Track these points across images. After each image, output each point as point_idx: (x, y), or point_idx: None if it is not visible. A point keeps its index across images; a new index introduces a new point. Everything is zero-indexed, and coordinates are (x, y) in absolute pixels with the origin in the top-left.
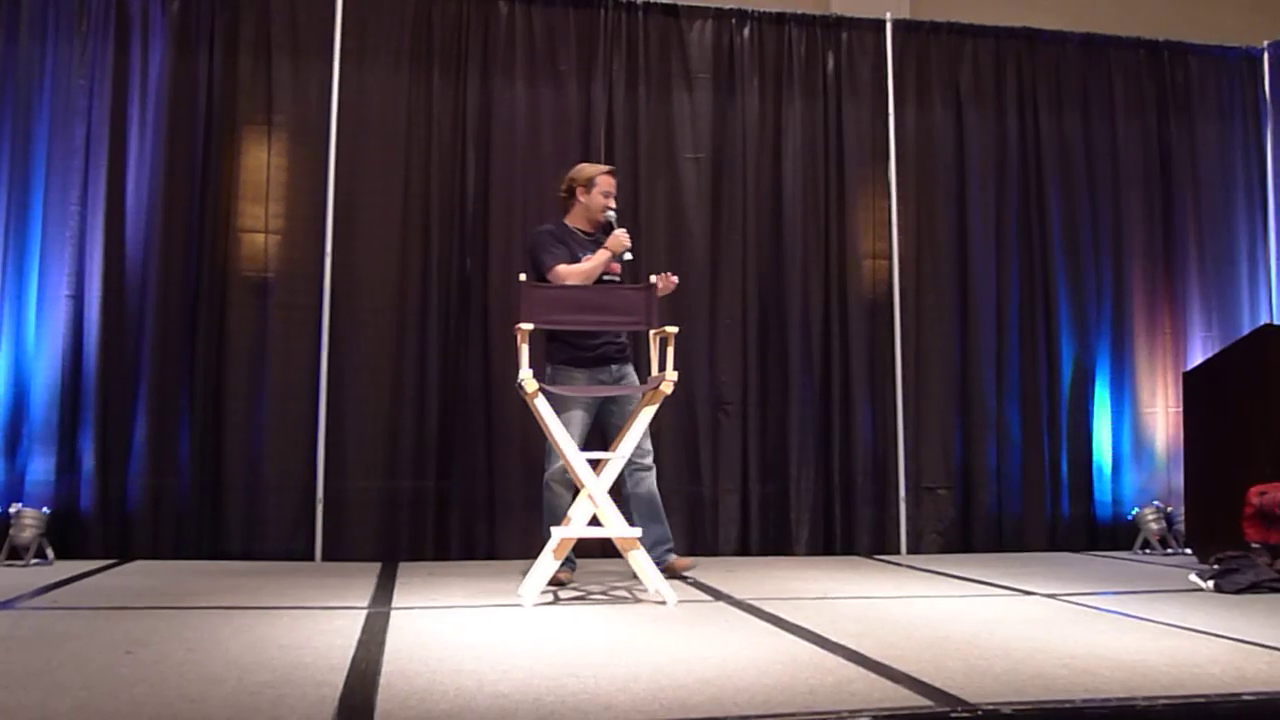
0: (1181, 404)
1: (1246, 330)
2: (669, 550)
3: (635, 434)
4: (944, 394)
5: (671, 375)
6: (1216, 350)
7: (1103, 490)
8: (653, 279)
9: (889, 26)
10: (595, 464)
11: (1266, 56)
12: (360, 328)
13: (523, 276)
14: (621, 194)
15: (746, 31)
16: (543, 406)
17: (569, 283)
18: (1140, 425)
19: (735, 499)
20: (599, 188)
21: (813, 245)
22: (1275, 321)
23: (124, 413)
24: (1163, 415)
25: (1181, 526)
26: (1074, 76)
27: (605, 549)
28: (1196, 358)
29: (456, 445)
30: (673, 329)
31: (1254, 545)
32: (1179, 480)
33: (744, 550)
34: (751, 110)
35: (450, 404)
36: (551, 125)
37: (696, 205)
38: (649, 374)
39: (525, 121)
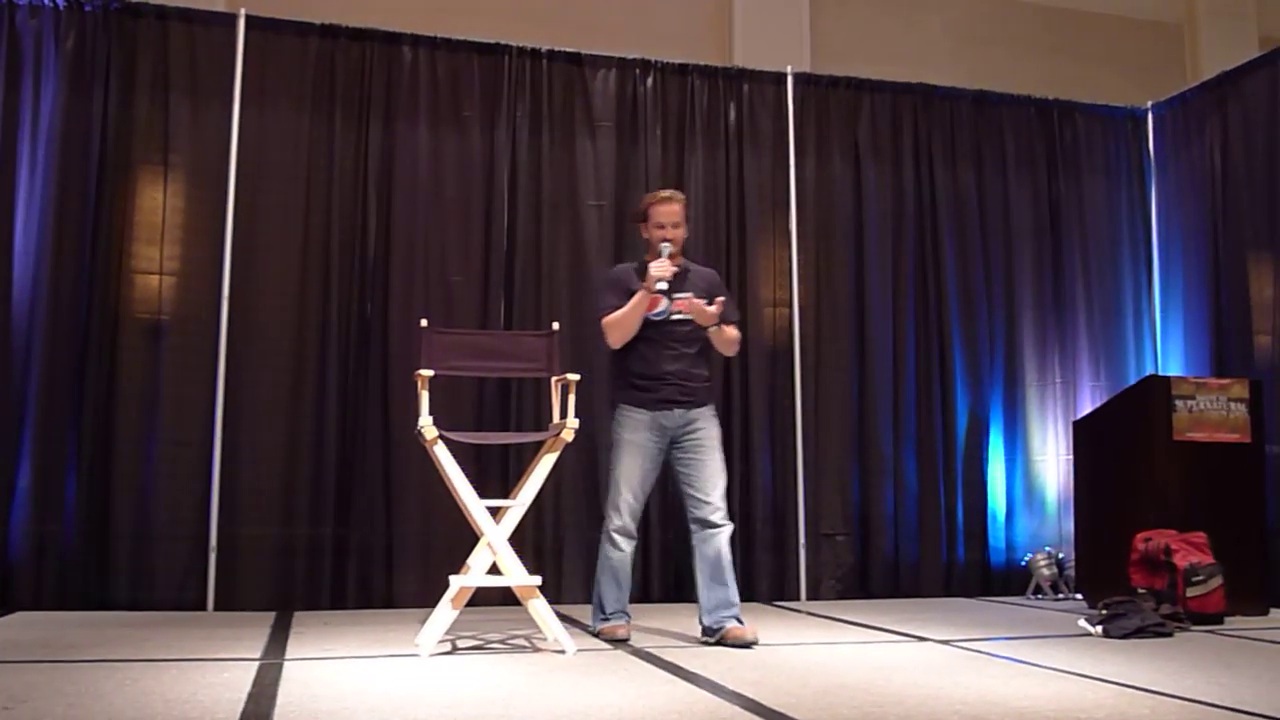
0: (1072, 452)
1: (1133, 380)
2: (730, 616)
3: (534, 483)
4: (842, 441)
5: (572, 423)
6: (1104, 400)
7: (996, 536)
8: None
9: (789, 80)
10: (495, 511)
11: (1150, 116)
12: (257, 371)
13: (424, 322)
14: (522, 241)
15: (650, 81)
16: (442, 454)
17: (611, 332)
18: (1033, 473)
19: (636, 545)
20: (654, 219)
21: None
22: (1158, 372)
23: (7, 458)
24: (1054, 463)
25: (1072, 572)
26: (968, 132)
27: (506, 597)
28: (1086, 406)
29: (355, 492)
30: (574, 376)
31: (1139, 590)
32: (1070, 526)
33: (645, 597)
34: (654, 159)
35: (349, 450)
36: (455, 170)
37: (599, 253)
38: (557, 420)
39: (428, 166)
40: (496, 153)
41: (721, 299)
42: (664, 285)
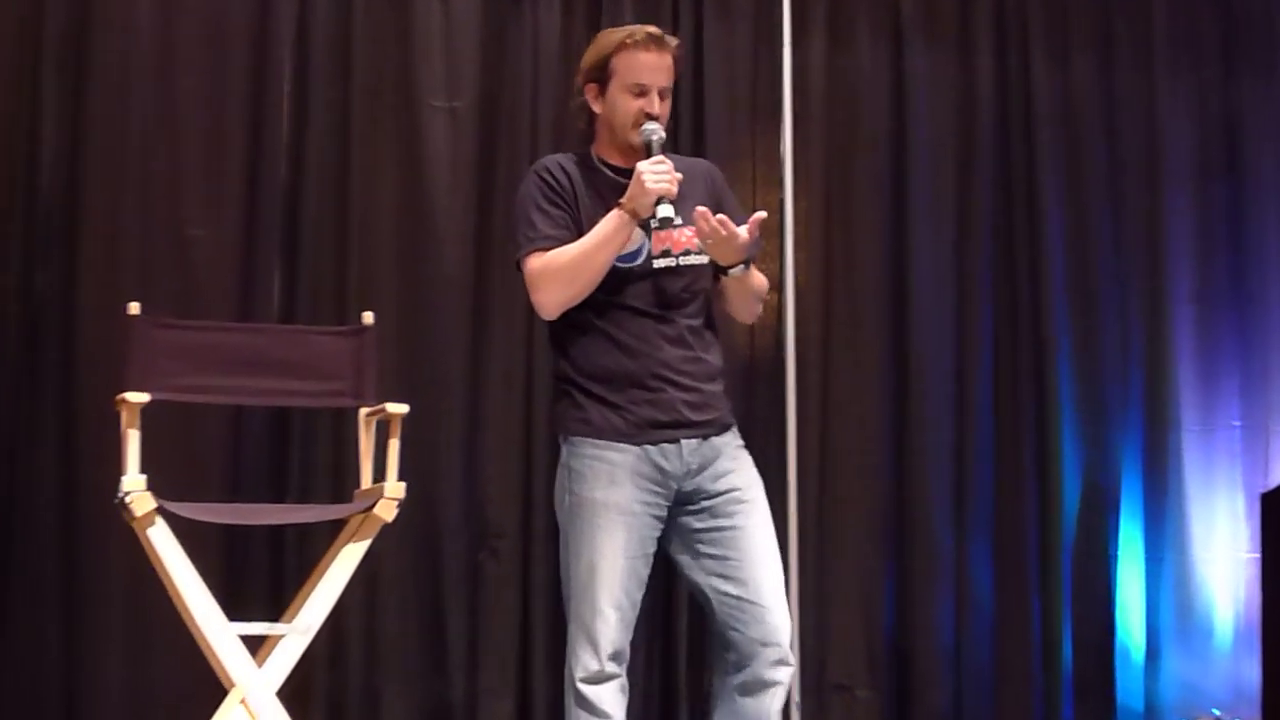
0: (1260, 546)
1: None
2: None
3: (327, 595)
4: (866, 523)
5: (395, 489)
6: None
7: (1130, 689)
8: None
9: None
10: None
11: None
12: None
13: (135, 307)
14: (324, 162)
15: None
16: (162, 542)
17: (548, 286)
18: (1192, 581)
19: (508, 705)
20: (626, 77)
21: None
22: None
23: None
24: (1228, 564)
25: None
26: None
27: None
28: None
29: (15, 585)
30: (399, 408)
31: None
32: (1255, 674)
33: None
34: (548, 32)
35: (5, 517)
36: (197, 37)
37: (452, 188)
38: (367, 485)
39: (150, 27)
40: (274, 15)
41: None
42: (668, 209)
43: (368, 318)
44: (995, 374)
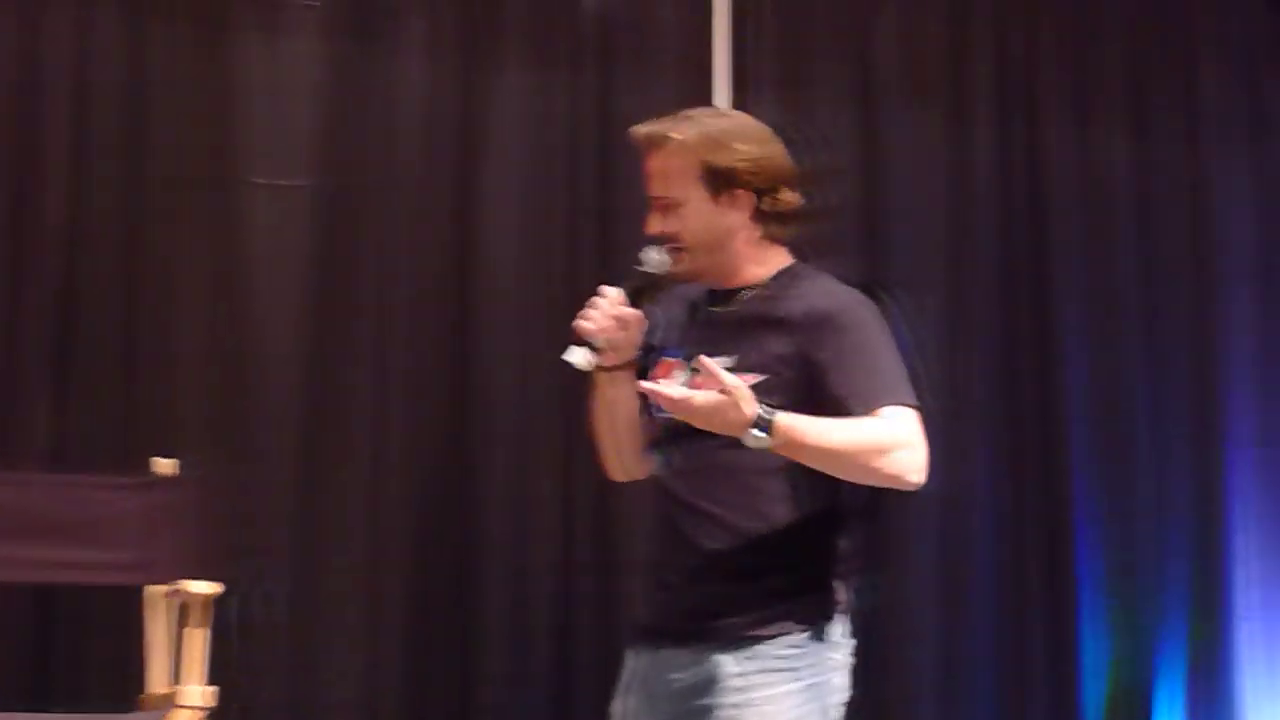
0: None
1: None
2: None
3: None
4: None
5: (198, 695)
6: None
7: None
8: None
9: None
10: None
11: None
12: None
13: None
14: (107, 255)
15: None
16: None
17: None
18: None
19: None
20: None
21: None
22: None
23: None
24: None
25: None
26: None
27: None
28: None
29: None
30: (205, 587)
31: None
32: None
33: None
34: (415, 78)
35: None
36: None
37: (280, 291)
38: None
39: None
40: (41, 59)
41: (830, 356)
42: (581, 357)
43: (165, 465)
44: (997, 548)
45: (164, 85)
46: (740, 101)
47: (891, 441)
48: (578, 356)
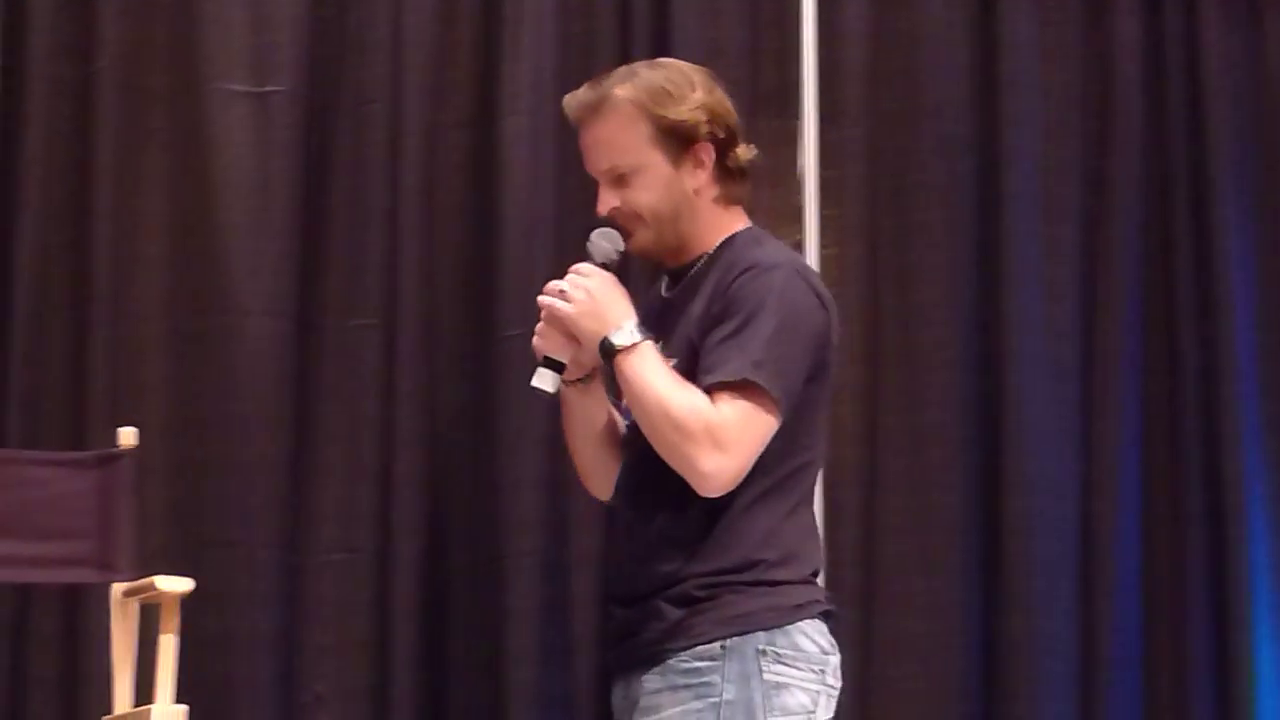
0: None
1: None
2: None
3: None
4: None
5: (169, 714)
6: None
7: None
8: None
9: None
10: None
11: None
12: None
13: None
14: (51, 175)
15: None
16: None
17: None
18: None
19: None
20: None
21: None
22: None
23: None
24: None
25: None
26: None
27: None
28: None
29: None
30: (175, 584)
31: None
32: None
33: None
34: None
35: None
36: None
37: (258, 219)
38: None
39: None
40: None
41: (723, 329)
42: (549, 381)
43: (127, 435)
44: (1143, 539)
45: None
46: None
47: (701, 431)
48: (547, 381)
